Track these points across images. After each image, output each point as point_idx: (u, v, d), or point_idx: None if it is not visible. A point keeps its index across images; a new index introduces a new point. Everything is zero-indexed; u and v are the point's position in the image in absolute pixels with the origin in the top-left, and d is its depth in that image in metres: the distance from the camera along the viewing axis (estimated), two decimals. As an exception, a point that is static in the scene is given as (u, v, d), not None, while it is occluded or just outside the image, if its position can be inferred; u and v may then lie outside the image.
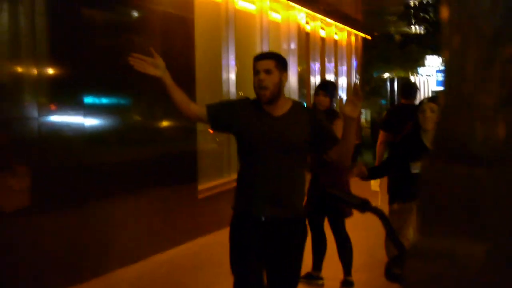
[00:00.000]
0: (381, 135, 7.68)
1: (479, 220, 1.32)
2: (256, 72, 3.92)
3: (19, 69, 5.93)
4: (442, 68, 27.17)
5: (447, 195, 1.34)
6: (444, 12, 1.34)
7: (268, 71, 3.88)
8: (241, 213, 3.99)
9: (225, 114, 4.03)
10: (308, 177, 6.35)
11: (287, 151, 3.87)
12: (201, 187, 8.78)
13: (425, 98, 5.35)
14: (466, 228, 1.33)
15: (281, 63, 3.98)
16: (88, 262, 6.62)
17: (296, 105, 4.07)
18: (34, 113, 5.95)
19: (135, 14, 7.74)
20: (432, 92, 31.07)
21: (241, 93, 10.13)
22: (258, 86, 3.89)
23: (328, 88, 6.41)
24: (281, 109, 3.96)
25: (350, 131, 3.85)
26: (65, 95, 6.39)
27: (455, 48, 1.31)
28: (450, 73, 1.35)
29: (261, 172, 3.87)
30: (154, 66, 3.88)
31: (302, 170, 4.05)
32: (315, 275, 6.42)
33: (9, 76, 5.85)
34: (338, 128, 6.03)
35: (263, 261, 3.96)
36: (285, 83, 4.01)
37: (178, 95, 3.96)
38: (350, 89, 17.20)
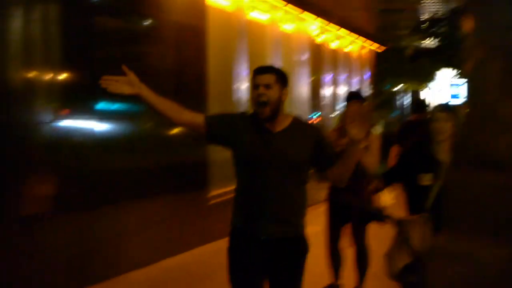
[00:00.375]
0: (395, 149, 7.85)
1: (501, 223, 1.34)
2: (255, 86, 3.76)
3: (33, 75, 5.98)
4: (455, 82, 27.13)
5: (470, 200, 1.37)
6: (468, 24, 1.35)
7: (268, 86, 3.73)
8: (239, 231, 3.90)
9: (223, 127, 3.85)
10: (327, 185, 6.34)
11: (286, 168, 3.74)
12: (211, 193, 8.81)
13: (436, 107, 5.07)
14: (488, 231, 1.35)
15: (282, 78, 3.82)
16: (99, 265, 6.67)
17: (296, 121, 3.91)
18: (47, 118, 6.01)
19: (148, 23, 7.78)
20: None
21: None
22: (257, 101, 3.74)
23: (358, 98, 6.05)
24: (280, 125, 3.81)
25: (352, 153, 3.73)
26: (78, 101, 6.43)
27: (479, 59, 1.33)
28: (473, 83, 1.37)
29: (259, 190, 3.75)
30: (128, 85, 3.67)
31: (302, 187, 3.89)
32: (336, 285, 6.35)
33: (23, 82, 5.89)
34: (374, 143, 5.86)
35: (263, 280, 3.87)
36: (285, 99, 3.83)
37: (164, 105, 3.76)
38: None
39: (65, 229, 6.20)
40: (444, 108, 4.92)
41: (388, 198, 6.21)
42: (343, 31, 15.32)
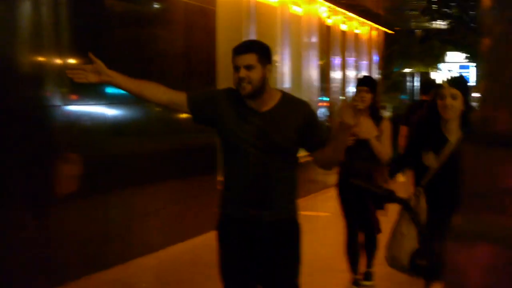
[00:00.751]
0: (403, 130, 7.93)
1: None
2: (235, 68, 3.48)
3: (43, 59, 5.96)
4: (464, 64, 27.05)
5: (487, 178, 1.34)
6: (486, 1, 1.33)
7: (249, 67, 3.45)
8: (225, 216, 3.71)
9: (206, 106, 3.62)
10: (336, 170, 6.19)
11: (272, 151, 3.52)
12: (221, 178, 8.78)
13: (444, 82, 4.47)
14: (506, 209, 1.33)
15: (264, 55, 3.54)
16: (110, 250, 6.69)
17: (285, 98, 3.65)
18: (57, 102, 5.98)
19: (157, 5, 7.74)
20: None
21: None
22: (239, 84, 3.48)
23: (371, 83, 5.83)
24: (267, 103, 3.55)
25: (342, 138, 3.48)
26: (88, 85, 6.39)
27: (497, 36, 1.31)
28: (491, 60, 1.35)
29: (242, 173, 3.56)
30: (96, 73, 3.48)
31: (291, 169, 3.65)
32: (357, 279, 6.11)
33: (33, 66, 5.88)
34: (386, 130, 5.74)
35: (256, 269, 3.66)
36: (269, 74, 3.56)
37: (139, 88, 3.59)
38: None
39: (76, 214, 6.19)
40: (454, 82, 4.30)
41: (400, 178, 6.08)
42: (352, 13, 15.23)
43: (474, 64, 25.96)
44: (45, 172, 5.89)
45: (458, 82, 4.38)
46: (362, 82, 5.88)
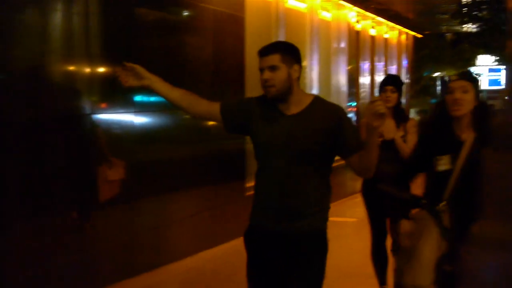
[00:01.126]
0: None
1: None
2: (260, 69, 3.44)
3: (73, 68, 6.02)
4: (494, 67, 26.74)
5: (509, 186, 1.35)
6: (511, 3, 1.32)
7: (273, 68, 3.39)
8: (253, 225, 3.65)
9: (238, 114, 3.58)
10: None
11: (300, 156, 3.39)
12: (249, 184, 8.80)
13: (453, 76, 4.16)
14: None
15: (289, 55, 3.45)
16: (140, 257, 6.72)
17: (316, 101, 3.51)
18: (87, 110, 6.04)
19: (187, 13, 7.78)
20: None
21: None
22: (264, 86, 3.43)
23: (396, 83, 5.68)
24: (296, 106, 3.46)
25: (372, 141, 3.30)
26: (117, 93, 6.45)
27: None
28: None
29: (269, 180, 3.48)
30: (137, 77, 3.57)
31: (321, 178, 3.51)
32: None
33: (63, 75, 5.93)
34: (411, 130, 5.61)
35: (282, 280, 3.58)
36: (296, 76, 3.45)
37: (177, 96, 3.60)
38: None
39: (106, 221, 6.24)
40: (463, 76, 3.95)
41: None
42: (381, 18, 15.16)
43: (505, 67, 25.63)
44: (76, 180, 5.94)
45: (469, 75, 4.07)
46: (387, 81, 5.71)
